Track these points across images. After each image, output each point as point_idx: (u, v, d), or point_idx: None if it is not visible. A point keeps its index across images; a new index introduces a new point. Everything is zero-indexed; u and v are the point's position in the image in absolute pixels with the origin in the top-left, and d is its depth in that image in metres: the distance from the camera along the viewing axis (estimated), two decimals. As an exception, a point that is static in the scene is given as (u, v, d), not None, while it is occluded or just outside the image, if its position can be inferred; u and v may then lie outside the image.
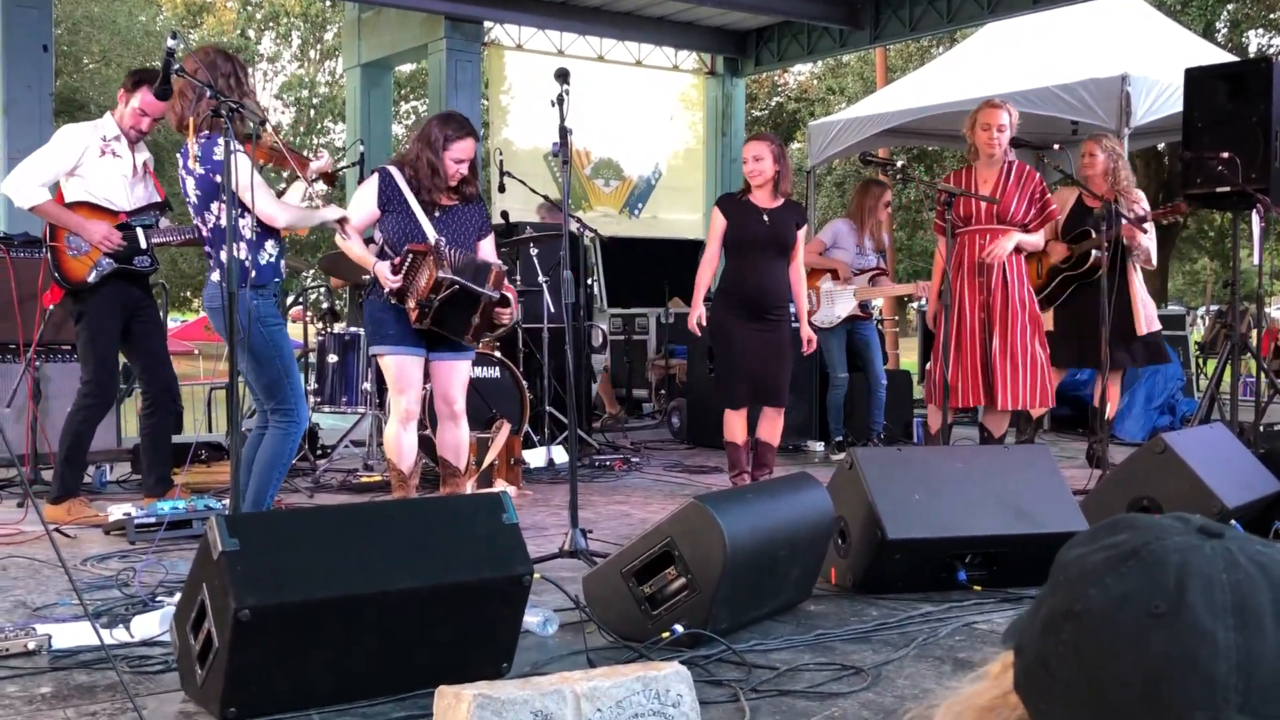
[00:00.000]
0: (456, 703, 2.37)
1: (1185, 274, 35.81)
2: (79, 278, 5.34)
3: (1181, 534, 0.80)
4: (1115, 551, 0.80)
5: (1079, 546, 0.84)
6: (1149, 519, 0.82)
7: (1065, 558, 0.84)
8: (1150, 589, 0.77)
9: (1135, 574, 0.78)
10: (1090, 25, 10.37)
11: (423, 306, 4.84)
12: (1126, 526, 0.82)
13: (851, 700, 2.98)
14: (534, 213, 9.29)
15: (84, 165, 5.35)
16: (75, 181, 5.36)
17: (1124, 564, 0.79)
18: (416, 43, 12.89)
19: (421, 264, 4.86)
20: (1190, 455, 4.39)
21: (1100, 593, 0.78)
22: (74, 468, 5.48)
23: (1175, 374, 9.03)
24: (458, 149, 4.97)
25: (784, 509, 3.73)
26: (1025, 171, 6.03)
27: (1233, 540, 0.79)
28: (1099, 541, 0.82)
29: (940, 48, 20.82)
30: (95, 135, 5.38)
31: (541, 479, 6.96)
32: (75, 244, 5.32)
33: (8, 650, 3.25)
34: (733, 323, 5.90)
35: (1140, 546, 0.79)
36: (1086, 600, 0.79)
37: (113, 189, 5.42)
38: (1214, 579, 0.76)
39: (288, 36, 32.72)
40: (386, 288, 4.89)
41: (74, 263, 5.33)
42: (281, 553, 2.81)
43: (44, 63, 10.00)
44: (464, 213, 5.10)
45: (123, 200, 5.45)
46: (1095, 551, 0.81)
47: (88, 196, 5.37)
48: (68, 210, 5.33)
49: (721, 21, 13.95)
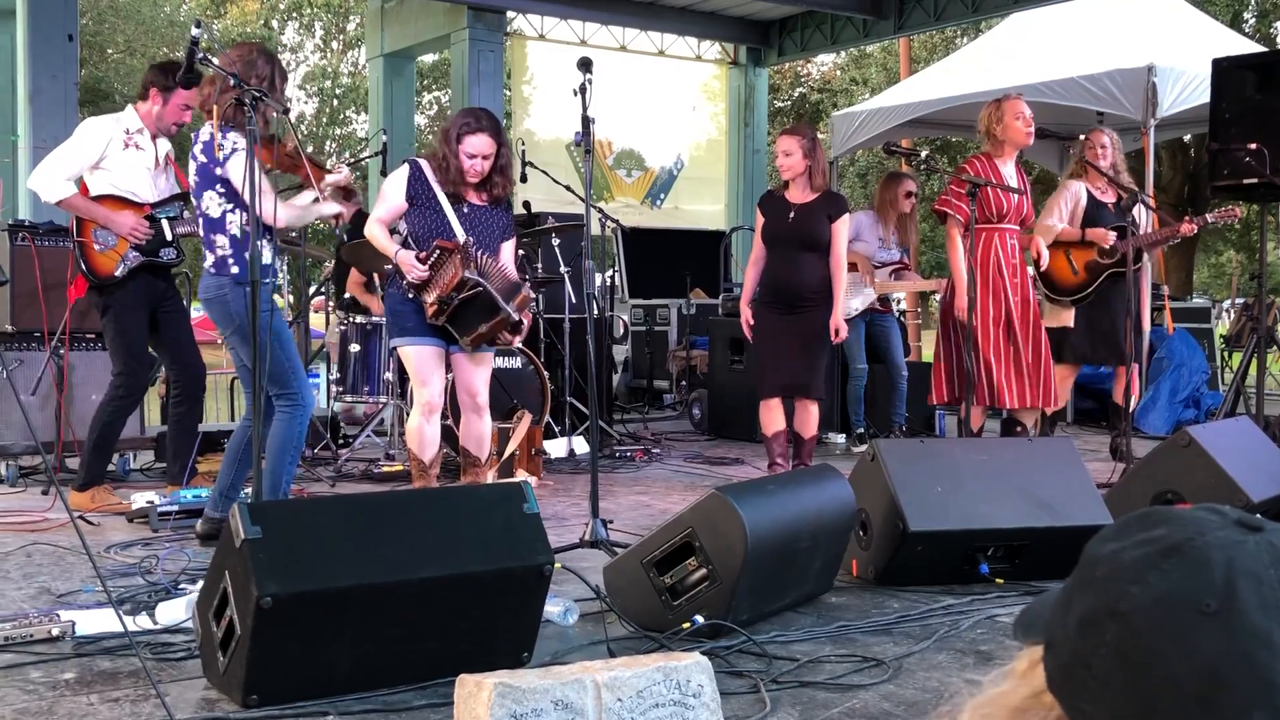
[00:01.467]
0: (478, 691, 2.37)
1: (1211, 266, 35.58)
2: (107, 272, 5.37)
3: (1221, 528, 0.78)
4: (1155, 547, 0.78)
5: (1111, 541, 0.82)
6: (1183, 512, 0.80)
7: (1097, 553, 0.82)
8: (1197, 586, 0.75)
9: (1179, 571, 0.76)
10: (1116, 15, 10.28)
11: (442, 302, 4.83)
12: (1161, 520, 0.80)
13: (872, 692, 2.98)
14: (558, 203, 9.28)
15: (108, 158, 5.36)
16: (100, 174, 5.38)
17: (1166, 560, 0.77)
18: (439, 33, 12.90)
19: (448, 260, 4.84)
20: (1215, 449, 4.36)
21: (1144, 591, 0.76)
22: (101, 456, 5.53)
23: (1200, 367, 8.97)
24: (470, 144, 4.89)
25: (805, 500, 3.72)
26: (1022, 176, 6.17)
27: (1274, 534, 0.77)
28: (1132, 536, 0.80)
29: (965, 38, 20.71)
30: (118, 128, 5.39)
31: (562, 469, 6.96)
32: (102, 238, 5.35)
33: (32, 636, 3.27)
34: (765, 315, 5.94)
35: (1182, 542, 0.77)
36: (1130, 599, 0.76)
37: (137, 181, 5.44)
38: (1262, 575, 0.74)
39: (310, 27, 32.78)
40: (410, 276, 4.87)
41: (101, 257, 5.36)
42: (303, 541, 2.82)
43: (69, 52, 10.05)
44: (490, 214, 5.06)
45: (147, 192, 5.47)
46: (1131, 547, 0.79)
47: (112, 189, 5.39)
48: (95, 203, 5.35)
49: (745, 11, 13.91)
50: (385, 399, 7.04)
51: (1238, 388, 7.12)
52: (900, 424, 7.82)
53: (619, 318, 10.80)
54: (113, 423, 5.46)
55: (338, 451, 7.08)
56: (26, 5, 9.87)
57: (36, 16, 9.84)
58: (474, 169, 4.93)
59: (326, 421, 7.31)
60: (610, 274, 10.89)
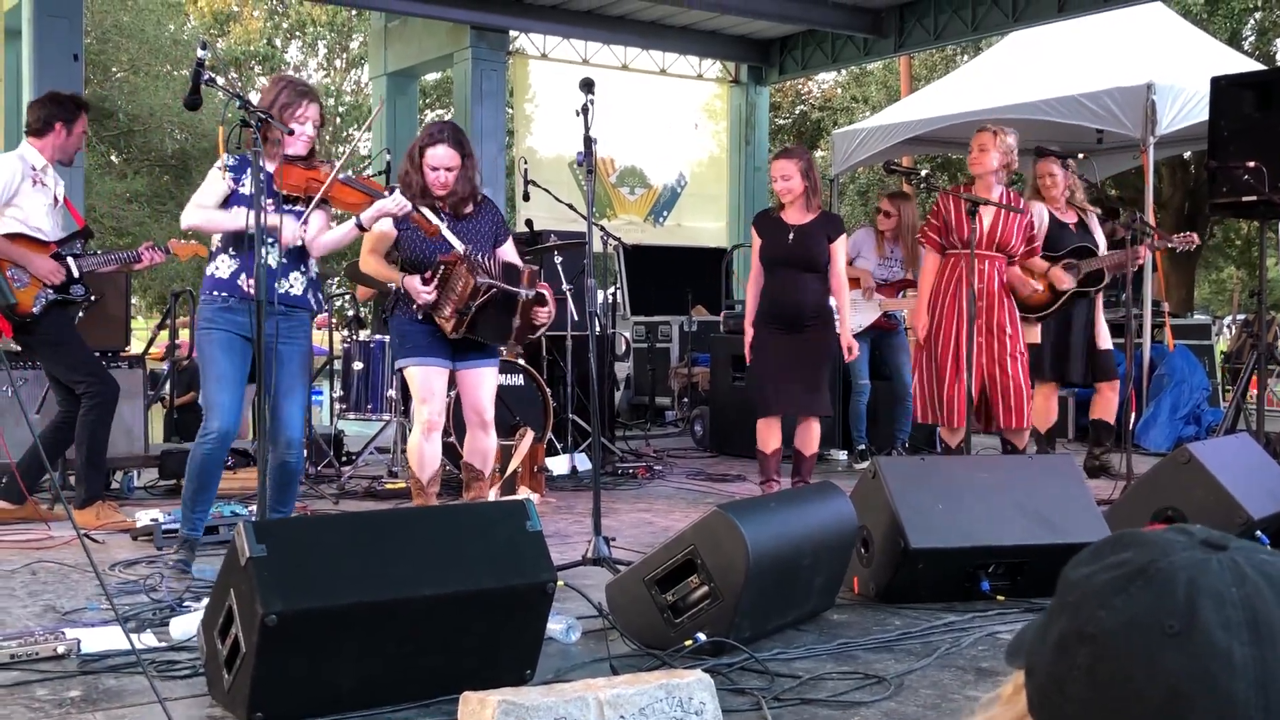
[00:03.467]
0: (481, 708, 2.39)
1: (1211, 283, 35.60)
2: (25, 309, 5.35)
3: (1185, 549, 0.79)
4: (1121, 571, 0.80)
5: (1083, 565, 0.83)
6: (1151, 534, 0.82)
7: (1070, 577, 0.84)
8: (1161, 608, 0.76)
9: (1144, 593, 0.78)
10: (1115, 33, 10.33)
11: (460, 314, 4.85)
12: (1130, 544, 0.82)
13: (874, 709, 2.99)
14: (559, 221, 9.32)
15: (19, 195, 5.33)
16: (11, 212, 5.33)
17: (1131, 584, 0.78)
18: (442, 52, 12.96)
19: (453, 273, 4.86)
20: (1215, 465, 4.37)
21: (1110, 615, 0.78)
22: (96, 470, 5.53)
23: (1201, 384, 8.98)
24: (431, 156, 4.93)
25: (807, 518, 3.74)
26: (1020, 203, 6.16)
27: (1238, 552, 0.79)
28: (1102, 560, 0.82)
29: (965, 56, 20.78)
30: (25, 166, 5.35)
31: (564, 486, 6.98)
32: (16, 275, 5.31)
33: (37, 654, 3.29)
34: (766, 333, 5.94)
35: (1146, 565, 0.79)
36: (1097, 622, 0.78)
37: (42, 219, 5.42)
38: (1224, 594, 0.76)
39: (314, 46, 32.91)
40: (420, 301, 4.90)
41: (19, 295, 5.32)
42: (308, 559, 2.84)
43: (74, 72, 10.09)
44: (474, 223, 5.10)
45: (50, 230, 5.46)
46: (1100, 571, 0.81)
47: (21, 228, 5.36)
48: (12, 243, 5.32)
49: (746, 30, 13.97)
50: (388, 416, 7.06)
51: (1238, 405, 7.14)
52: (903, 441, 7.83)
53: (621, 335, 10.83)
54: (97, 433, 5.46)
55: (340, 469, 7.10)
56: (33, 26, 9.93)
57: (42, 37, 9.90)
58: (437, 181, 4.95)
59: (329, 439, 7.33)
60: (612, 291, 10.91)
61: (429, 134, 5.04)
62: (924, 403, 6.20)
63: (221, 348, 4.46)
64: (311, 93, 4.68)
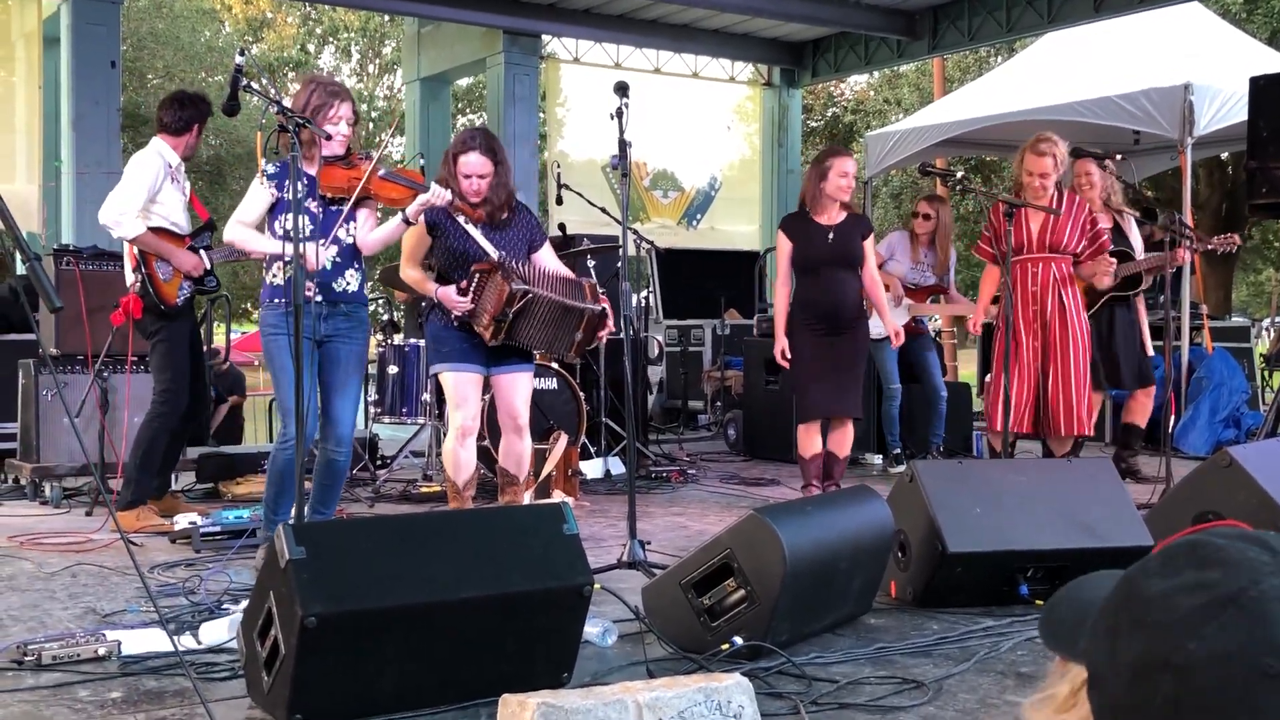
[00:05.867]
0: (521, 711, 2.39)
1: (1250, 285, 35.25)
2: (172, 301, 5.57)
3: (1275, 574, 0.76)
4: (1210, 596, 0.76)
5: (1156, 579, 0.80)
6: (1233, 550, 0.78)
7: (1146, 592, 0.80)
8: (1258, 645, 0.73)
9: (1238, 626, 0.74)
10: (1152, 34, 10.25)
11: (498, 322, 4.86)
12: (1211, 561, 0.78)
13: (912, 714, 2.97)
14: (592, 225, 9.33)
15: (160, 191, 5.53)
16: (153, 208, 5.53)
17: (1223, 612, 0.75)
18: (475, 56, 13.01)
19: (488, 282, 4.87)
20: (1256, 469, 4.31)
21: (1201, 647, 0.74)
22: (146, 475, 5.61)
23: (1240, 387, 8.89)
24: (464, 164, 4.95)
25: (844, 521, 3.72)
26: (1076, 201, 6.09)
27: None
28: (1179, 576, 0.78)
29: (999, 58, 20.66)
30: (163, 163, 5.56)
31: (598, 490, 6.98)
32: (163, 269, 5.55)
33: (79, 655, 3.31)
34: (805, 337, 5.91)
35: (1238, 593, 0.75)
36: (1186, 654, 0.75)
37: (179, 215, 5.65)
38: None
39: (347, 51, 33.10)
40: (456, 311, 4.91)
41: (166, 287, 5.56)
42: (347, 561, 2.85)
43: (112, 79, 10.21)
44: (509, 232, 5.11)
45: (185, 224, 5.69)
46: (1183, 593, 0.77)
47: (163, 223, 5.56)
48: (160, 238, 5.52)
49: (778, 33, 13.95)
50: (423, 420, 7.08)
51: (1279, 407, 7.05)
52: (938, 445, 7.80)
53: (654, 338, 10.82)
54: (156, 440, 5.57)
55: (375, 472, 7.13)
56: (71, 33, 10.04)
57: (80, 44, 10.01)
58: (471, 188, 4.97)
59: (365, 443, 7.37)
60: (645, 295, 10.91)
61: (461, 141, 5.06)
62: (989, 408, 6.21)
63: (289, 354, 4.48)
64: (343, 92, 4.72)
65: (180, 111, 5.64)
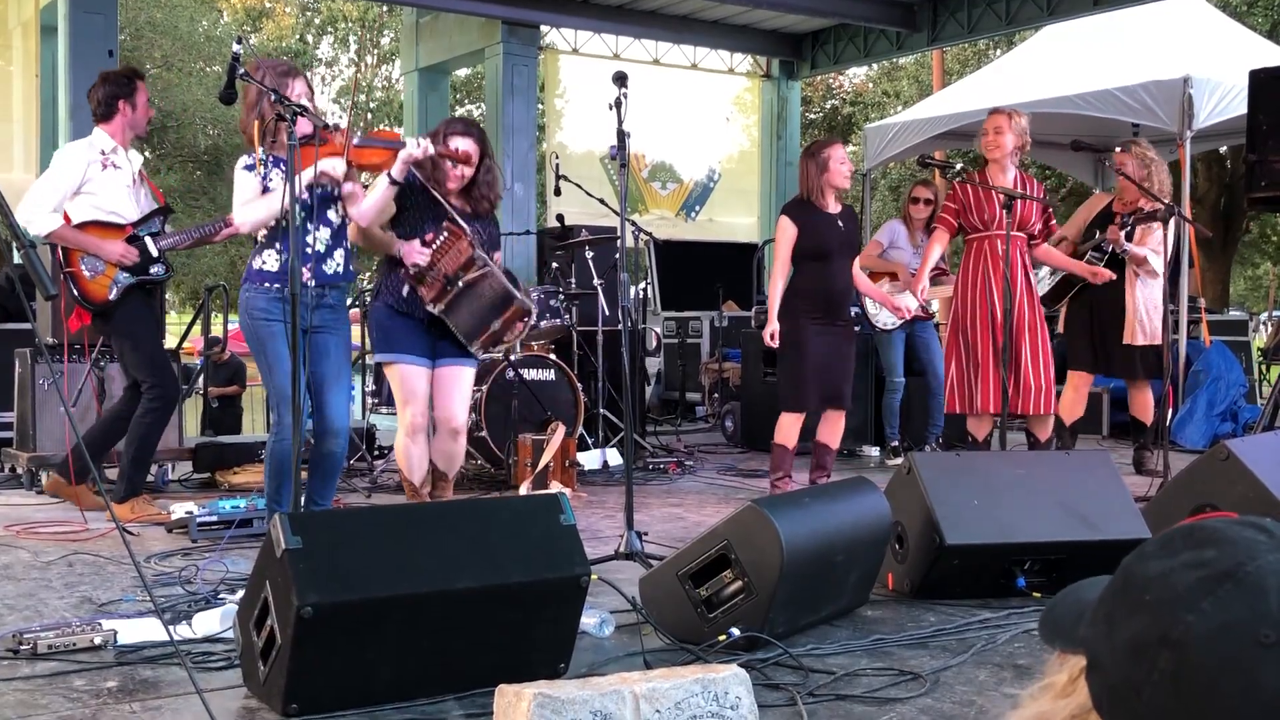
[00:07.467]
0: (517, 701, 2.39)
1: (1247, 279, 35.28)
2: (101, 298, 5.37)
3: (1271, 550, 0.77)
4: (1206, 572, 0.77)
5: (1153, 560, 0.80)
6: (1229, 531, 0.79)
7: (1145, 572, 0.80)
8: (1255, 616, 0.73)
9: (1235, 599, 0.75)
10: (1152, 27, 10.23)
11: (447, 282, 4.83)
12: (1208, 541, 0.79)
13: (909, 706, 2.97)
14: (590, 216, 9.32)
15: (89, 181, 5.36)
16: (82, 199, 5.36)
17: (1219, 587, 0.76)
18: (473, 47, 12.98)
19: (454, 244, 4.86)
20: (1254, 462, 4.32)
21: (1199, 620, 0.75)
22: (140, 468, 5.58)
23: (1238, 380, 8.89)
24: (454, 140, 4.94)
25: (841, 513, 3.72)
26: (1033, 183, 6.16)
27: None
28: (1178, 556, 0.79)
29: (998, 50, 20.64)
30: (93, 152, 5.39)
31: (596, 481, 6.98)
32: (90, 264, 5.35)
33: (75, 644, 3.31)
34: (805, 327, 5.82)
35: (1234, 568, 0.76)
36: (1184, 627, 0.75)
37: (118, 201, 5.44)
38: None
39: (345, 41, 33.06)
40: (411, 260, 4.85)
41: (93, 284, 5.36)
42: (344, 551, 2.84)
43: (109, 67, 10.12)
44: (485, 225, 5.09)
45: (129, 211, 5.47)
46: (1181, 570, 0.78)
47: (94, 214, 5.38)
48: (80, 231, 5.34)
49: (777, 24, 13.93)
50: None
51: (1276, 400, 7.05)
52: (936, 436, 7.79)
53: (652, 330, 10.82)
54: (150, 434, 5.51)
55: (373, 463, 7.13)
56: (68, 22, 10.00)
57: (78, 34, 9.97)
58: (454, 172, 4.96)
59: (362, 433, 7.36)
60: (643, 286, 10.91)
61: (455, 124, 5.10)
62: (952, 392, 6.19)
63: (285, 342, 4.40)
64: (293, 70, 4.70)
65: (99, 93, 5.46)
